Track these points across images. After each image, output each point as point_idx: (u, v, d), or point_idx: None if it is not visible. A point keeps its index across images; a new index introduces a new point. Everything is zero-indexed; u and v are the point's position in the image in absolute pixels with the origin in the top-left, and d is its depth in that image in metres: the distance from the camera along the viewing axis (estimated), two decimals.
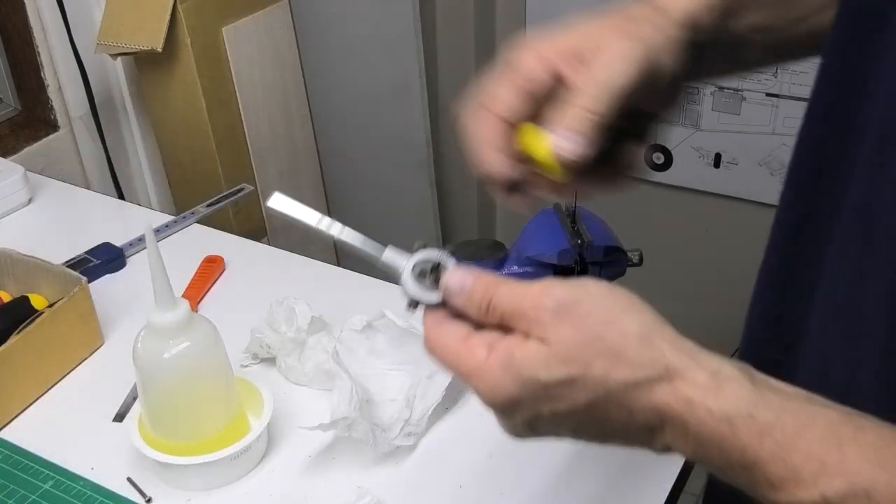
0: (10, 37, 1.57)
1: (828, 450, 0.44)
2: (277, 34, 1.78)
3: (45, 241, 1.18)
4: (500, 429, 0.53)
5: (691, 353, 0.48)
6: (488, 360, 0.50)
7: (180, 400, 0.83)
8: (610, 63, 0.55)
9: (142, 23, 1.53)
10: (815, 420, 0.45)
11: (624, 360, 0.47)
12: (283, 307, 0.95)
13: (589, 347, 0.48)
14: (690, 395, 0.46)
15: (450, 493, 0.84)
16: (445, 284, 0.53)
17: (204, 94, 1.62)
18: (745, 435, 0.45)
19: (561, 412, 0.49)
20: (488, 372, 0.50)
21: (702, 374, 0.47)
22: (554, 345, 0.48)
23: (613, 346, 0.48)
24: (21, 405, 0.94)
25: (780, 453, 0.44)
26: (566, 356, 0.48)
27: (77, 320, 0.99)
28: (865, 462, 0.43)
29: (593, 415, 0.49)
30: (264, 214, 1.85)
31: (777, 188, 0.70)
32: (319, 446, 0.88)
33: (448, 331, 0.53)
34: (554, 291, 0.49)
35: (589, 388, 0.48)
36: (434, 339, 0.53)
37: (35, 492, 0.85)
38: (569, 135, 0.54)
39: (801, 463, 0.44)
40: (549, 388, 0.48)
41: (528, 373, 0.48)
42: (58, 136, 1.61)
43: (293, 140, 1.90)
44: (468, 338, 0.52)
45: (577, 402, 0.48)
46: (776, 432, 0.45)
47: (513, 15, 1.89)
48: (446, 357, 0.52)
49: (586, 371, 0.48)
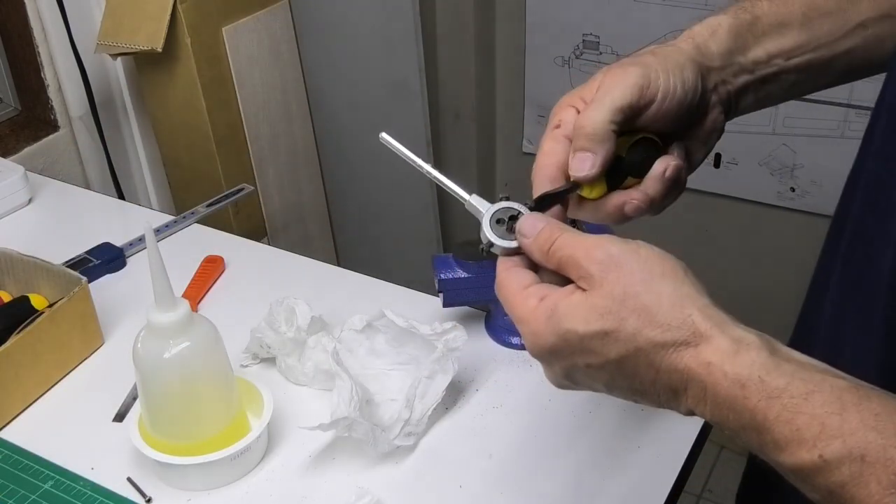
0: (10, 37, 1.57)
1: (829, 413, 0.45)
2: (277, 34, 1.78)
3: (45, 241, 1.18)
4: (545, 377, 0.57)
5: (718, 322, 0.50)
6: (536, 310, 0.54)
7: (180, 400, 0.83)
8: (607, 85, 0.61)
9: (142, 23, 1.53)
10: (822, 386, 0.47)
11: (655, 321, 0.50)
12: (283, 307, 0.95)
13: (625, 304, 0.51)
14: (710, 358, 0.49)
15: (450, 493, 0.84)
16: (519, 226, 0.58)
17: (204, 94, 1.62)
18: (755, 397, 0.47)
19: (594, 365, 0.53)
20: (534, 320, 0.54)
21: (724, 340, 0.49)
22: (594, 297, 0.52)
23: (648, 305, 0.51)
24: (21, 405, 0.94)
25: (785, 415, 0.46)
26: (603, 310, 0.51)
27: (77, 320, 0.99)
28: (863, 426, 0.45)
29: (624, 370, 0.52)
30: (264, 214, 1.85)
31: (777, 188, 0.71)
32: (319, 446, 0.88)
33: (512, 277, 0.57)
34: (607, 246, 0.53)
35: (620, 343, 0.51)
36: (500, 282, 0.58)
37: (35, 492, 0.85)
38: (578, 155, 0.61)
39: (804, 425, 0.46)
40: (584, 339, 0.52)
41: (568, 325, 0.52)
42: (58, 136, 1.61)
43: (293, 140, 1.90)
44: (528, 286, 0.56)
45: (608, 355, 0.52)
46: (784, 396, 0.47)
47: (513, 15, 1.90)
48: (506, 300, 0.57)
49: (620, 326, 0.51)
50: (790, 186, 1.75)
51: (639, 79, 0.61)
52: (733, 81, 0.66)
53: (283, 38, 1.80)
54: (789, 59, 0.67)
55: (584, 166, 0.60)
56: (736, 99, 0.67)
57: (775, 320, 0.79)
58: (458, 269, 0.96)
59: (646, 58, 0.63)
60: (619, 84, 0.61)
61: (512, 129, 2.04)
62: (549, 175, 0.62)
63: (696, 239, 1.88)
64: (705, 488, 2.04)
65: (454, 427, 0.91)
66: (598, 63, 1.86)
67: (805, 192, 1.73)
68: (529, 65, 1.93)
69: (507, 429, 0.90)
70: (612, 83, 0.61)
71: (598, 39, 1.85)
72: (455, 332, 0.89)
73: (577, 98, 0.63)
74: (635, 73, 0.61)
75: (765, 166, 1.76)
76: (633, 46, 1.81)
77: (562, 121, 0.63)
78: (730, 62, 0.65)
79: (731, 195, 1.81)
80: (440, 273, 0.95)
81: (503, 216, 0.60)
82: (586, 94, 0.63)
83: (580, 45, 1.87)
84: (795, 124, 1.70)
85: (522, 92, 1.98)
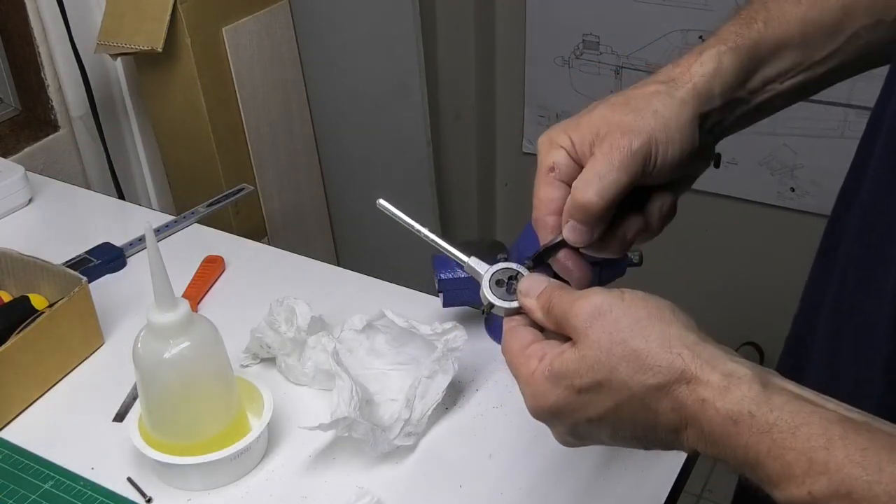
0: (10, 37, 1.57)
1: (816, 448, 0.45)
2: (277, 34, 1.78)
3: (45, 241, 1.18)
4: (554, 439, 0.58)
5: (708, 358, 0.50)
6: (536, 371, 0.55)
7: (180, 400, 0.83)
8: (608, 157, 0.60)
9: (142, 23, 1.53)
10: (810, 419, 0.46)
11: (645, 365, 0.50)
12: (283, 307, 0.95)
13: (612, 352, 0.51)
14: (704, 395, 0.49)
15: (450, 493, 0.84)
16: (520, 287, 0.59)
17: (204, 94, 1.62)
18: (747, 433, 0.47)
19: (595, 417, 0.53)
20: (534, 382, 0.55)
21: (715, 376, 0.49)
22: (583, 350, 0.52)
23: (636, 350, 0.51)
24: (21, 405, 0.94)
25: (775, 451, 0.46)
26: (593, 361, 0.52)
27: (77, 320, 0.99)
28: (849, 462, 0.44)
29: (623, 418, 0.52)
30: (264, 214, 1.85)
31: (777, 188, 0.71)
32: (319, 446, 0.88)
33: (515, 336, 0.58)
34: (591, 298, 0.54)
35: (615, 391, 0.51)
36: (506, 342, 0.58)
37: (35, 492, 0.85)
38: (573, 225, 0.61)
39: (793, 461, 0.46)
40: (580, 394, 0.52)
41: (564, 382, 0.53)
42: (58, 136, 1.61)
43: (293, 140, 1.90)
44: (528, 346, 0.56)
45: (606, 405, 0.52)
46: (774, 431, 0.46)
47: (513, 15, 1.90)
48: (509, 362, 0.57)
49: (611, 375, 0.51)
50: (790, 186, 1.75)
51: (641, 155, 0.60)
52: (729, 117, 0.65)
53: (283, 38, 1.80)
54: (784, 81, 0.66)
55: (581, 238, 0.61)
56: (729, 127, 0.67)
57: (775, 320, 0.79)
58: (458, 269, 0.96)
59: (647, 118, 0.60)
60: (620, 159, 0.59)
61: (512, 129, 2.04)
62: (553, 225, 0.62)
63: (696, 239, 1.87)
64: (705, 488, 2.03)
65: (454, 427, 0.91)
66: (597, 63, 1.86)
67: (805, 192, 1.73)
68: (529, 65, 1.93)
69: (507, 429, 0.90)
70: (612, 155, 0.60)
71: (598, 39, 1.85)
72: (455, 332, 0.89)
73: (566, 137, 0.62)
74: (639, 150, 0.60)
75: (765, 166, 1.76)
76: (633, 46, 1.82)
77: (556, 164, 0.62)
78: (730, 98, 0.64)
79: (731, 195, 1.81)
80: (440, 273, 0.95)
81: (502, 277, 0.61)
82: (575, 134, 0.62)
83: (580, 45, 1.87)
84: (795, 124, 1.70)
85: (522, 92, 1.98)
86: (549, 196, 0.62)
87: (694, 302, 2.17)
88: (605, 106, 0.62)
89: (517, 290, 0.60)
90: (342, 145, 1.98)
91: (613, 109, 0.61)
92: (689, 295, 1.93)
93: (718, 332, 0.55)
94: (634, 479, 0.84)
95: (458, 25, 1.89)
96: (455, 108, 1.99)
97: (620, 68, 1.85)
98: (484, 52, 1.94)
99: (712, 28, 0.67)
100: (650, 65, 1.79)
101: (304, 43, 1.84)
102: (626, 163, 0.59)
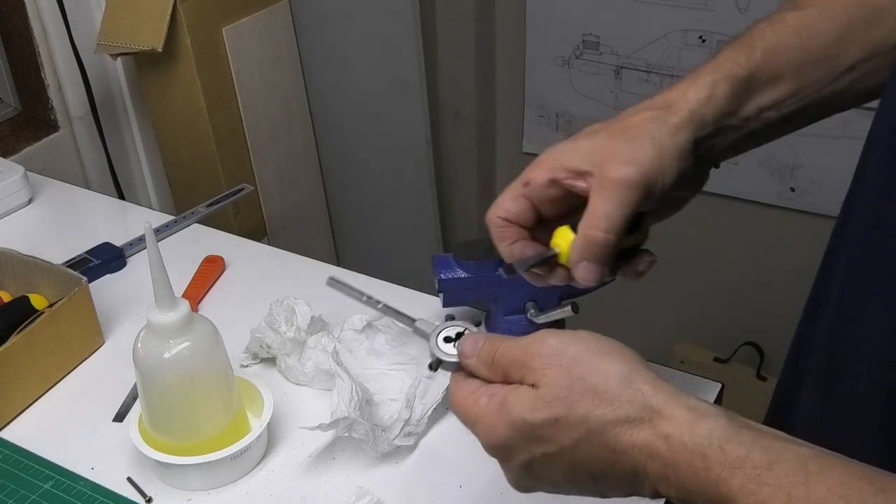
0: (10, 37, 1.57)
1: (794, 483, 0.44)
2: (277, 34, 1.78)
3: (45, 241, 1.18)
4: (507, 482, 0.57)
5: (670, 393, 0.50)
6: (487, 406, 0.55)
7: (180, 400, 0.83)
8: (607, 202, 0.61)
9: (142, 23, 1.53)
10: (784, 455, 0.46)
11: (604, 399, 0.50)
12: (283, 307, 0.95)
13: (572, 389, 0.51)
14: (668, 431, 0.48)
15: (450, 493, 0.84)
16: (460, 347, 0.60)
17: (204, 94, 1.62)
18: (718, 468, 0.46)
19: (551, 453, 0.52)
20: (486, 416, 0.55)
21: (680, 410, 0.49)
22: (541, 387, 0.52)
23: (594, 385, 0.51)
24: (21, 405, 0.94)
25: (749, 486, 0.45)
26: (551, 397, 0.51)
27: (77, 320, 0.99)
28: (831, 495, 0.44)
29: (579, 456, 0.51)
30: (264, 214, 1.85)
31: (776, 188, 0.71)
32: (319, 446, 0.88)
33: (462, 386, 0.58)
34: (545, 339, 0.54)
35: (572, 427, 0.51)
36: (452, 394, 0.59)
37: (35, 492, 0.85)
38: (586, 266, 0.62)
39: (769, 496, 0.45)
40: (535, 428, 0.52)
41: (518, 414, 0.52)
42: (58, 136, 1.61)
43: (293, 140, 1.90)
44: (477, 390, 0.57)
45: (563, 442, 0.51)
46: (747, 466, 0.46)
47: (513, 15, 1.89)
48: (458, 408, 0.58)
49: (569, 411, 0.51)
50: (790, 186, 1.75)
51: (642, 187, 0.61)
52: (721, 143, 0.66)
53: (283, 38, 1.80)
54: (779, 111, 0.66)
55: (595, 277, 0.63)
56: (721, 154, 0.68)
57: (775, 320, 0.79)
58: (458, 269, 0.96)
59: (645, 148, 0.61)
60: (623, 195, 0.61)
61: (512, 129, 2.04)
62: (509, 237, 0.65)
63: (695, 239, 1.87)
64: None
65: (454, 427, 0.90)
66: (597, 63, 1.86)
67: (805, 192, 1.73)
68: (529, 65, 1.93)
69: None
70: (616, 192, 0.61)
71: (598, 39, 1.85)
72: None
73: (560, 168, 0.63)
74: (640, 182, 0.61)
75: (765, 166, 1.76)
76: (633, 46, 1.82)
77: (531, 181, 0.64)
78: (723, 125, 0.65)
79: (731, 195, 1.81)
80: (440, 273, 0.95)
81: (450, 335, 0.62)
82: (573, 160, 0.63)
83: (580, 45, 1.87)
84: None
85: (522, 92, 1.97)
86: (510, 211, 0.65)
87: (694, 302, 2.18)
88: (605, 134, 0.63)
89: (459, 352, 0.60)
90: (342, 145, 1.98)
91: (612, 138, 0.63)
92: (690, 295, 1.94)
93: (718, 332, 0.55)
94: None
95: (458, 25, 1.89)
96: (455, 108, 1.99)
97: (620, 68, 1.85)
98: (484, 51, 1.94)
99: (712, 28, 0.67)
100: (650, 65, 1.79)
101: (304, 43, 1.84)
102: (629, 198, 0.61)
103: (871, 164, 0.60)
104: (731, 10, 1.64)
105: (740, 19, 1.65)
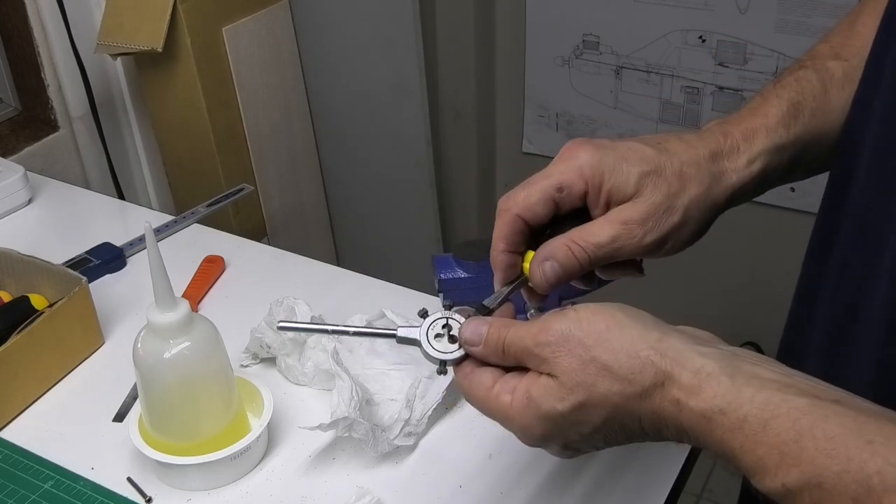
0: (10, 37, 1.57)
1: (786, 441, 0.47)
2: (277, 34, 1.78)
3: (45, 241, 1.18)
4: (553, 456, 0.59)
5: (675, 355, 0.52)
6: (512, 405, 0.56)
7: (180, 400, 0.83)
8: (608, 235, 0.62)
9: (142, 23, 1.53)
10: (779, 411, 0.48)
11: (618, 376, 0.52)
12: (283, 307, 0.95)
13: (586, 372, 0.53)
14: (677, 396, 0.51)
15: (450, 493, 0.84)
16: (463, 337, 0.59)
17: (204, 94, 1.62)
18: (720, 430, 0.49)
19: (586, 433, 0.54)
20: (515, 416, 0.56)
21: (686, 375, 0.51)
22: (560, 376, 0.53)
23: (606, 364, 0.52)
24: (21, 405, 0.94)
25: (748, 445, 0.48)
26: (572, 384, 0.53)
27: (77, 320, 0.99)
28: (819, 454, 0.46)
29: (612, 428, 0.54)
30: (264, 214, 1.85)
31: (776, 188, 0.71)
32: (319, 446, 0.88)
33: (476, 382, 0.58)
34: (550, 326, 0.55)
35: (599, 408, 0.53)
36: (467, 391, 0.59)
37: (35, 492, 0.85)
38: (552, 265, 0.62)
39: (765, 455, 0.47)
40: (566, 416, 0.54)
41: (546, 408, 0.54)
42: (58, 136, 1.61)
43: (293, 140, 1.90)
44: (493, 386, 0.57)
45: (594, 422, 0.54)
46: (746, 427, 0.48)
47: (513, 15, 1.90)
48: (480, 406, 0.58)
49: (591, 393, 0.53)
50: (790, 186, 1.75)
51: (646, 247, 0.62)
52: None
53: (283, 38, 1.80)
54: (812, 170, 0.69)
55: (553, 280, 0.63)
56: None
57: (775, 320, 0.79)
58: (458, 269, 0.96)
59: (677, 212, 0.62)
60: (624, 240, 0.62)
61: (512, 129, 2.04)
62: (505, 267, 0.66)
63: None
64: (705, 488, 2.04)
65: (454, 427, 0.91)
66: (597, 63, 1.86)
67: (805, 192, 1.73)
68: (529, 65, 1.93)
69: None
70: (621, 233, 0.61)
71: (598, 39, 1.85)
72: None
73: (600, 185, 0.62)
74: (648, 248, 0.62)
75: None
76: (633, 46, 1.82)
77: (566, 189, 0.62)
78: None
79: None
80: (440, 273, 0.95)
81: (438, 331, 0.61)
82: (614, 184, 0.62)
83: (580, 45, 1.87)
84: None
85: (522, 92, 1.98)
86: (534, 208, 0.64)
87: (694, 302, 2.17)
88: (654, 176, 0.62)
89: (463, 341, 0.59)
90: (342, 145, 1.98)
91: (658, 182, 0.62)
92: (690, 295, 1.93)
93: (718, 332, 0.55)
94: (635, 479, 0.84)
95: (458, 25, 1.89)
96: (455, 108, 1.99)
97: (620, 68, 1.85)
98: (484, 52, 1.94)
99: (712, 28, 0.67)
100: (650, 65, 1.79)
101: (304, 43, 1.84)
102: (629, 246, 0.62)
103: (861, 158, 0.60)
104: (732, 10, 1.64)
105: (740, 19, 1.65)
